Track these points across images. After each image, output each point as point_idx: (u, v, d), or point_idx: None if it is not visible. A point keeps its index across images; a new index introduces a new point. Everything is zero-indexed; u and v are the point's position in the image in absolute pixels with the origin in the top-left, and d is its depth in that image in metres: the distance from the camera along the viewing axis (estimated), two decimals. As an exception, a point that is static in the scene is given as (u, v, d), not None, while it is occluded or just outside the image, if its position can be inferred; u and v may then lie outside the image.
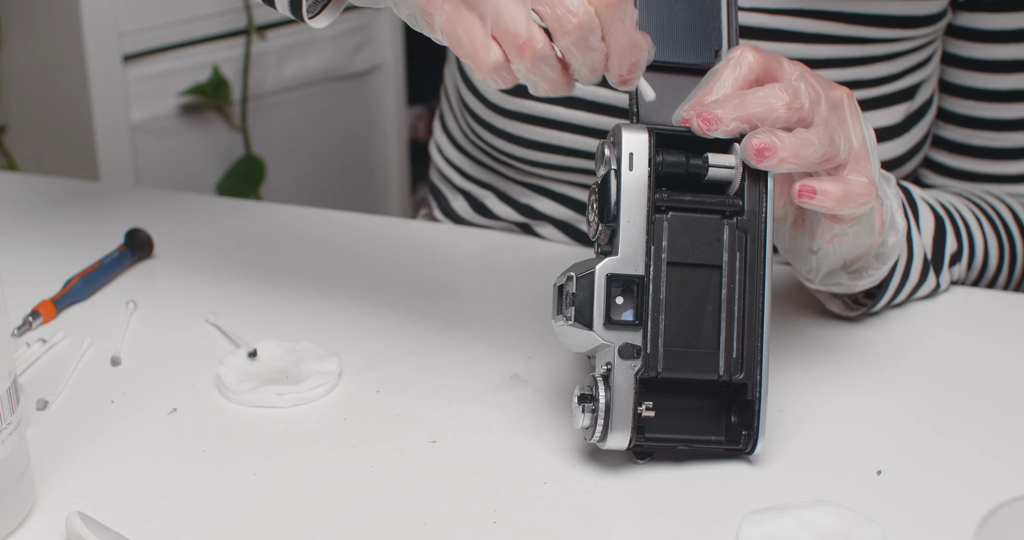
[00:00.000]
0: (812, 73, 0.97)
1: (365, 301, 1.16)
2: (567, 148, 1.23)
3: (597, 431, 0.91)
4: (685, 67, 0.96)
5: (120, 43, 2.07)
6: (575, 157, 1.24)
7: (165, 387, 1.04)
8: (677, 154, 0.92)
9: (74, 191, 1.38)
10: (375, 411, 1.01)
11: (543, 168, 1.26)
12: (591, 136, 1.22)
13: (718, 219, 0.92)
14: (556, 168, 1.26)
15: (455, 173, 1.38)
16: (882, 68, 1.19)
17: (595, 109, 1.21)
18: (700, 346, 0.91)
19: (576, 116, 1.22)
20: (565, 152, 1.24)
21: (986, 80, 1.24)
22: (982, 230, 1.19)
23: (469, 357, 1.08)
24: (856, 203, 0.94)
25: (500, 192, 1.33)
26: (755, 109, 0.91)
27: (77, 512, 0.84)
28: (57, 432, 0.98)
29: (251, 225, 1.30)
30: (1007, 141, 1.26)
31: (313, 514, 0.89)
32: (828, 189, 0.93)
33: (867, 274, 1.07)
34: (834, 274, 1.06)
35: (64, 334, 1.10)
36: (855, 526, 0.87)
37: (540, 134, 1.23)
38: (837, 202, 0.93)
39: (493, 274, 1.23)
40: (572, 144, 1.23)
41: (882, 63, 1.19)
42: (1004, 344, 1.11)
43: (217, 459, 0.95)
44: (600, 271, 0.90)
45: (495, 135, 1.26)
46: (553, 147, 1.24)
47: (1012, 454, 0.97)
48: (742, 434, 0.93)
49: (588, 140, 1.22)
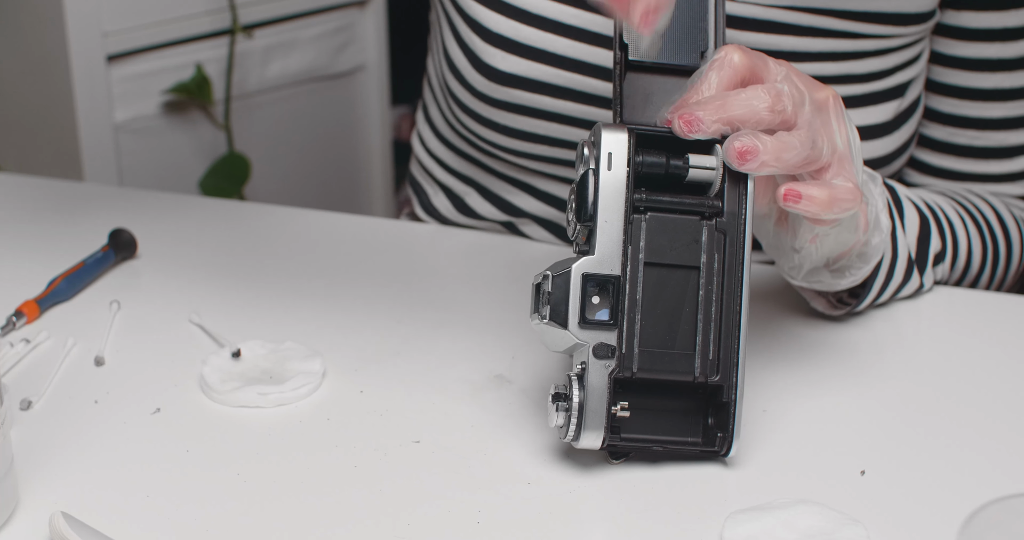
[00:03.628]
0: (798, 73, 0.97)
1: (349, 301, 1.16)
2: (554, 138, 1.23)
3: (570, 430, 0.91)
4: (671, 68, 0.96)
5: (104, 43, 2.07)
6: (561, 147, 1.24)
7: (149, 387, 1.03)
8: (657, 155, 0.92)
9: (58, 191, 1.38)
10: (359, 411, 1.01)
11: (529, 159, 1.26)
12: (578, 126, 1.22)
13: (697, 220, 0.92)
14: (542, 159, 1.26)
15: (437, 166, 1.37)
16: (872, 63, 1.20)
17: (582, 100, 1.21)
18: (676, 347, 0.91)
19: (563, 106, 1.21)
20: (551, 142, 1.24)
21: (970, 78, 1.24)
22: (966, 230, 1.19)
23: (453, 357, 1.08)
24: (841, 208, 0.94)
25: (482, 188, 1.33)
26: (737, 111, 0.91)
27: (61, 512, 0.83)
28: (41, 432, 0.98)
29: (235, 225, 1.30)
30: (990, 140, 1.26)
31: (296, 514, 0.89)
32: (813, 194, 0.93)
33: (849, 273, 1.07)
34: (817, 272, 1.06)
35: (48, 334, 1.10)
36: (838, 526, 0.87)
37: (527, 123, 1.23)
38: (822, 207, 0.93)
39: (477, 274, 1.23)
40: (559, 134, 1.23)
41: (872, 58, 1.19)
42: (987, 344, 1.12)
43: (200, 459, 0.95)
44: (576, 270, 0.90)
45: (481, 124, 1.26)
46: (540, 137, 1.24)
47: (996, 454, 0.97)
48: (718, 436, 0.93)
49: (575, 130, 1.22)
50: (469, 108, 1.26)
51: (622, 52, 0.95)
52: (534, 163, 1.27)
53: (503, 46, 1.21)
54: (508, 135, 1.25)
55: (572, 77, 1.20)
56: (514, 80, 1.22)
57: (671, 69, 0.96)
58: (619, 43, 0.95)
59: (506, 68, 1.21)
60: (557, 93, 1.21)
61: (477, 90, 1.24)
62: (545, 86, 1.21)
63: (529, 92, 1.22)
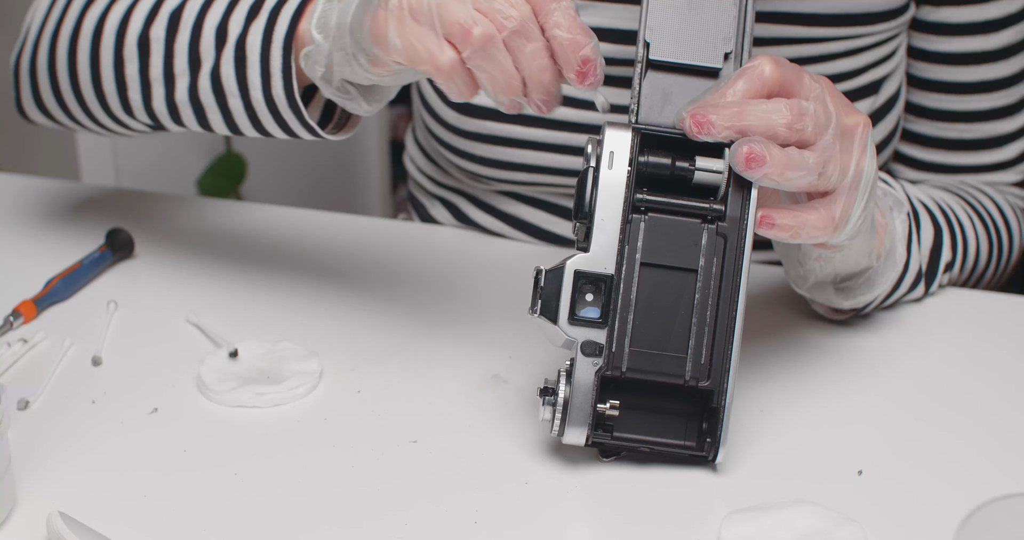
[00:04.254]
0: (834, 93, 0.94)
1: (346, 301, 1.16)
2: (529, 165, 1.23)
3: (555, 425, 0.91)
4: (693, 68, 0.95)
5: (101, 42, 2.06)
6: (538, 173, 1.23)
7: (146, 387, 1.03)
8: (664, 156, 0.92)
9: (55, 191, 1.38)
10: (356, 411, 1.01)
11: (509, 185, 1.26)
12: (552, 152, 1.21)
13: (698, 223, 0.92)
14: (522, 184, 1.25)
15: (428, 181, 1.37)
16: (844, 64, 1.19)
17: (553, 126, 1.20)
18: (669, 349, 0.91)
19: (535, 134, 1.21)
20: (528, 169, 1.23)
21: (955, 73, 1.24)
22: (975, 231, 1.19)
23: (450, 357, 1.08)
24: (807, 236, 0.92)
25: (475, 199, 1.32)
26: (753, 121, 0.90)
27: (58, 512, 0.83)
28: (38, 432, 0.97)
29: (232, 225, 1.30)
30: (979, 131, 1.26)
31: (294, 514, 0.89)
32: (786, 223, 0.91)
33: (854, 296, 1.07)
34: (822, 287, 1.06)
35: (45, 334, 1.10)
36: (836, 526, 0.87)
37: (501, 153, 1.23)
38: (792, 235, 0.92)
39: (474, 274, 1.23)
40: (534, 161, 1.22)
41: (843, 59, 1.19)
42: (981, 344, 1.12)
43: (197, 459, 0.95)
44: (569, 267, 0.90)
45: (458, 156, 1.25)
46: (515, 165, 1.23)
47: (993, 454, 0.97)
48: (706, 441, 0.93)
49: (550, 156, 1.22)
50: (445, 142, 1.26)
51: (644, 50, 0.95)
52: (516, 188, 1.26)
53: None
54: (485, 165, 1.24)
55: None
56: (482, 111, 1.21)
57: (692, 69, 0.95)
58: (642, 41, 0.95)
59: (475, 100, 1.21)
60: (527, 121, 1.21)
61: (449, 123, 1.24)
62: (514, 115, 1.20)
63: (499, 122, 1.22)
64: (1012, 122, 1.26)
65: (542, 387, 0.92)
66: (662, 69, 0.95)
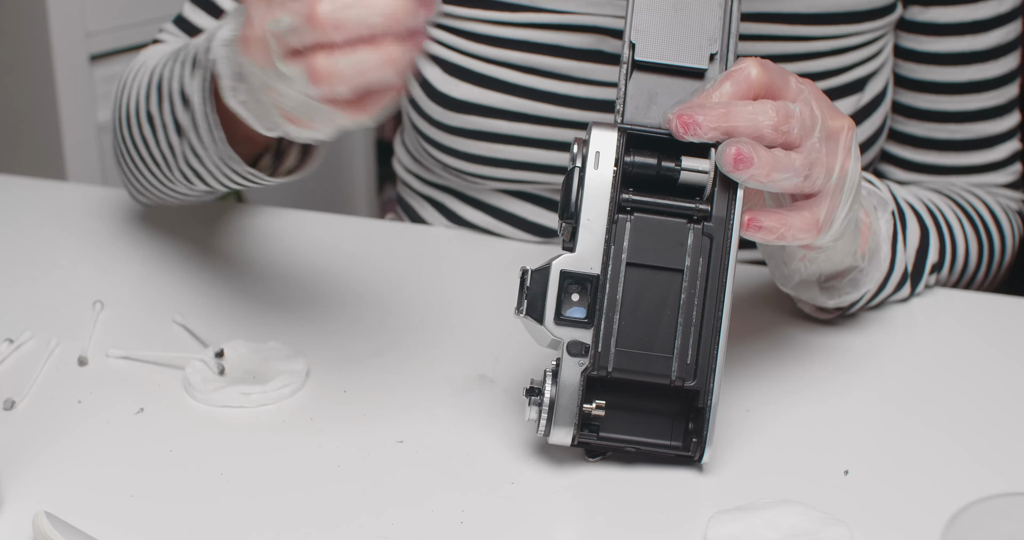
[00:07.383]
0: (820, 96, 0.94)
1: (332, 301, 1.16)
2: (514, 161, 1.23)
3: (541, 425, 0.91)
4: (678, 69, 0.95)
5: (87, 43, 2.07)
6: (524, 170, 1.23)
7: (132, 387, 1.03)
8: (650, 156, 0.92)
9: (40, 191, 1.38)
10: (342, 411, 1.01)
11: (496, 182, 1.26)
12: (536, 147, 1.22)
13: (683, 223, 0.92)
14: (508, 181, 1.25)
15: (417, 181, 1.37)
16: (829, 62, 1.20)
17: (538, 122, 1.21)
18: (655, 349, 0.91)
19: (520, 128, 1.21)
20: (513, 165, 1.23)
21: (944, 73, 1.24)
22: (964, 233, 1.19)
23: (436, 357, 1.08)
24: (792, 238, 0.92)
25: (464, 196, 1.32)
26: (739, 123, 0.89)
27: (44, 512, 0.83)
28: (24, 432, 0.97)
29: (217, 225, 1.30)
30: (970, 132, 1.26)
31: (279, 514, 0.89)
32: (771, 226, 0.91)
33: (839, 295, 1.07)
34: (807, 285, 1.06)
35: (31, 334, 1.10)
36: (822, 526, 0.87)
37: (486, 149, 1.23)
38: (777, 238, 0.92)
39: (461, 274, 1.23)
40: (519, 157, 1.23)
41: (828, 58, 1.19)
42: (970, 344, 1.12)
43: (184, 459, 0.95)
44: (555, 267, 0.90)
45: (443, 153, 1.26)
46: (500, 161, 1.23)
47: (979, 454, 0.97)
48: (692, 441, 0.93)
49: (535, 152, 1.22)
50: (430, 138, 1.26)
51: (630, 51, 0.95)
52: (502, 184, 1.26)
53: (456, 74, 1.22)
54: (470, 161, 1.24)
55: (524, 103, 1.20)
56: (467, 107, 1.22)
57: (678, 70, 0.95)
58: (627, 42, 0.95)
59: (459, 96, 1.21)
60: (511, 117, 1.21)
61: (433, 119, 1.24)
62: (499, 111, 1.21)
63: (483, 117, 1.22)
64: (1002, 123, 1.27)
65: (528, 387, 0.92)
66: (648, 70, 0.95)
